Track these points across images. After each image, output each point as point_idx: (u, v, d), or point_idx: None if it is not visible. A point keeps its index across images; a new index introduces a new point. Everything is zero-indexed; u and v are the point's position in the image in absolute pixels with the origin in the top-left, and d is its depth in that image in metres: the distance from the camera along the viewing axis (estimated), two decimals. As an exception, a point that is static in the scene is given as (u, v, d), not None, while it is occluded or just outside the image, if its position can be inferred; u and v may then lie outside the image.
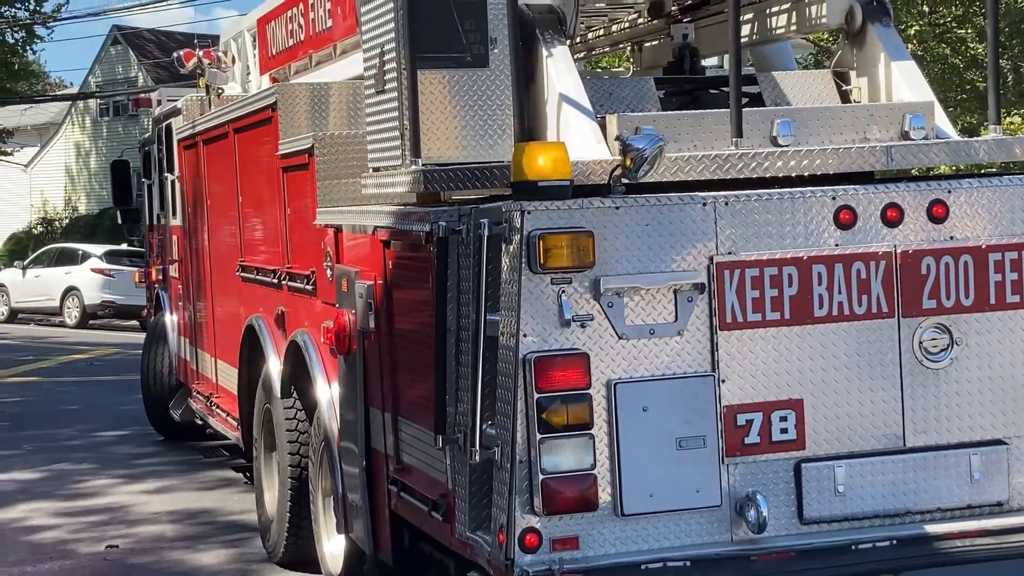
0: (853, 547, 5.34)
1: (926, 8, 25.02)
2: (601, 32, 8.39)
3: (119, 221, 13.53)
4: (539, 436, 4.98)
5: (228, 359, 10.09)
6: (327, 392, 7.43)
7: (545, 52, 6.15)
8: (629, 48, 8.72)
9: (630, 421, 5.12)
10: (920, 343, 5.48)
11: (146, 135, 14.24)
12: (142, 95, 14.64)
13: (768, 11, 7.07)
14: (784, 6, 6.95)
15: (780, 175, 5.65)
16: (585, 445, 5.04)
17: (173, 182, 12.17)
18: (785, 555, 5.30)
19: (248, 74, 9.58)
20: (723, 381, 5.29)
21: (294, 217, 8.21)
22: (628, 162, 5.19)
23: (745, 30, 7.05)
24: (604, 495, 5.11)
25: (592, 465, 5.05)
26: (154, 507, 10.64)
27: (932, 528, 5.46)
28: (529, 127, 5.92)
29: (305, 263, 8.00)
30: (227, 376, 10.15)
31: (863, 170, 5.78)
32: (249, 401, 9.08)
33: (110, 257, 32.82)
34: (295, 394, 8.07)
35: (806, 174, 5.69)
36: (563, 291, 5.09)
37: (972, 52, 25.49)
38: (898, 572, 5.59)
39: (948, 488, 5.50)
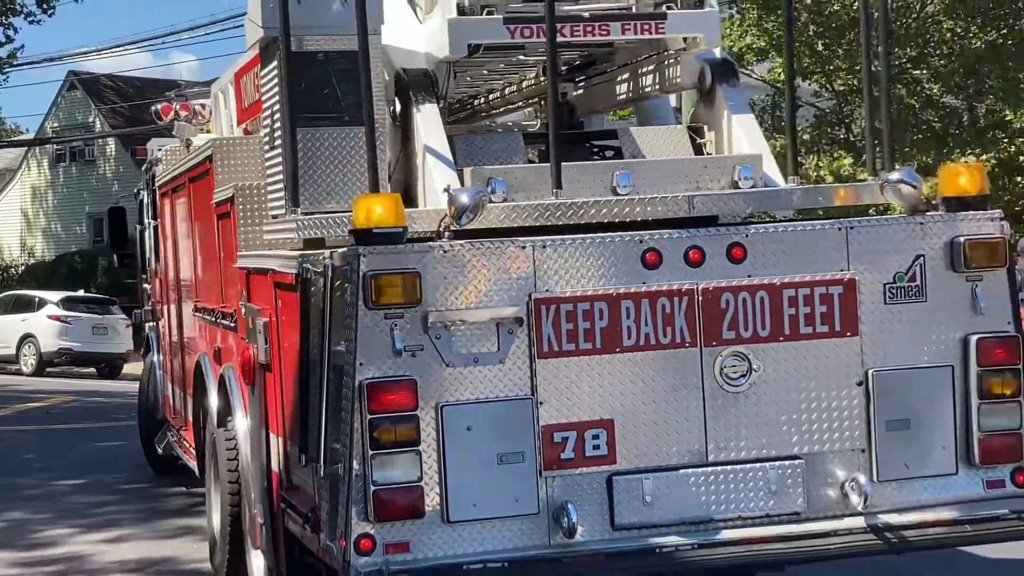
0: (658, 550, 5.97)
1: (880, 49, 25.16)
2: (514, 88, 8.98)
3: (116, 264, 14.01)
4: (371, 452, 5.65)
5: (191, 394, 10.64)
6: (244, 421, 7.84)
7: (415, 110, 7.02)
8: (536, 103, 9.42)
9: (455, 439, 5.77)
10: (721, 369, 6.08)
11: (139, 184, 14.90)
12: (139, 147, 14.93)
13: (638, 72, 7.85)
14: (649, 67, 7.73)
15: (593, 221, 6.26)
16: (412, 460, 5.71)
17: (156, 228, 12.58)
18: (596, 558, 5.91)
19: (231, 125, 9.91)
20: (541, 403, 5.91)
21: (226, 260, 8.63)
22: (452, 211, 5.89)
23: (622, 88, 8.06)
24: (431, 504, 5.77)
25: (419, 478, 5.72)
26: (113, 556, 10.47)
27: (732, 534, 6.04)
28: (405, 177, 6.97)
29: (232, 303, 8.49)
30: (191, 410, 10.59)
31: (667, 217, 6.33)
32: (200, 431, 9.59)
33: (67, 304, 32.59)
34: (227, 423, 8.39)
35: (616, 220, 6.30)
36: (395, 324, 5.73)
37: (927, 92, 25.75)
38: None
39: (748, 498, 6.08)
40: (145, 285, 13.97)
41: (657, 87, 7.72)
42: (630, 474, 5.99)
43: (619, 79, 8.10)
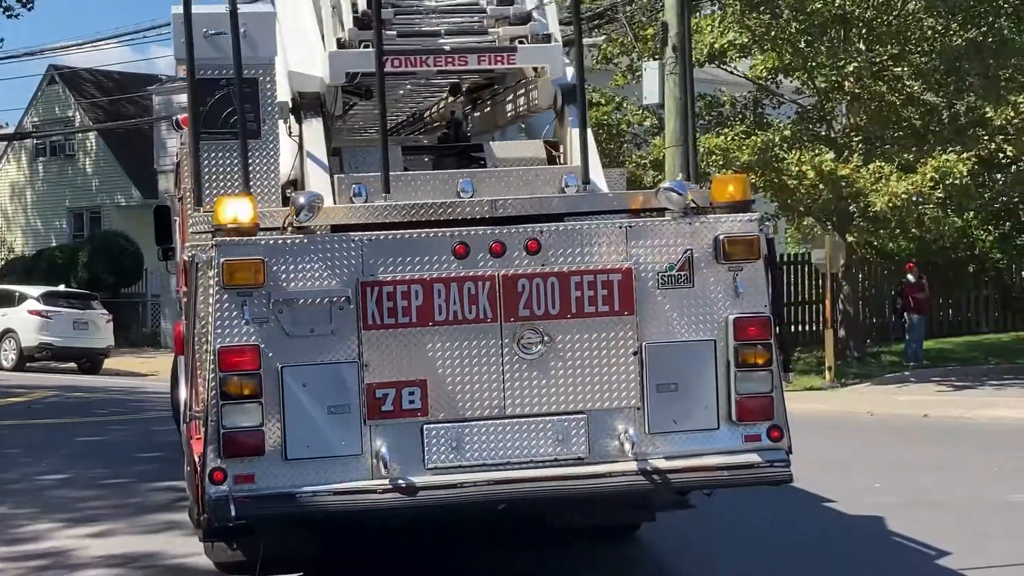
0: (460, 485, 7.28)
1: (862, 46, 25.33)
2: (434, 108, 10.57)
3: (160, 259, 14.95)
4: (221, 403, 7.06)
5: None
6: (182, 388, 8.70)
7: (304, 126, 8.50)
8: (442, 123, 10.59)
9: (292, 394, 7.14)
10: (518, 340, 7.37)
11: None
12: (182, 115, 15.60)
13: (514, 96, 9.33)
14: (520, 92, 9.20)
15: (423, 219, 7.63)
16: (255, 410, 7.08)
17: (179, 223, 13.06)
18: (408, 490, 7.22)
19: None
20: (365, 366, 7.24)
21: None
22: (293, 211, 7.27)
23: (502, 109, 9.63)
24: (272, 445, 7.11)
25: (260, 424, 7.08)
26: (97, 551, 10.44)
27: (525, 473, 7.33)
28: (300, 180, 8.48)
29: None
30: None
31: (473, 217, 7.64)
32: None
33: (47, 299, 32.51)
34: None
35: (434, 219, 7.64)
36: (244, 302, 7.09)
37: (908, 90, 25.83)
38: (501, 506, 7.55)
39: (539, 445, 7.37)
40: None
41: (525, 108, 9.20)
42: (439, 423, 7.31)
43: (501, 101, 9.59)
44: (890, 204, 23.11)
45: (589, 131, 8.44)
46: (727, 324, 7.43)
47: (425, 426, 7.29)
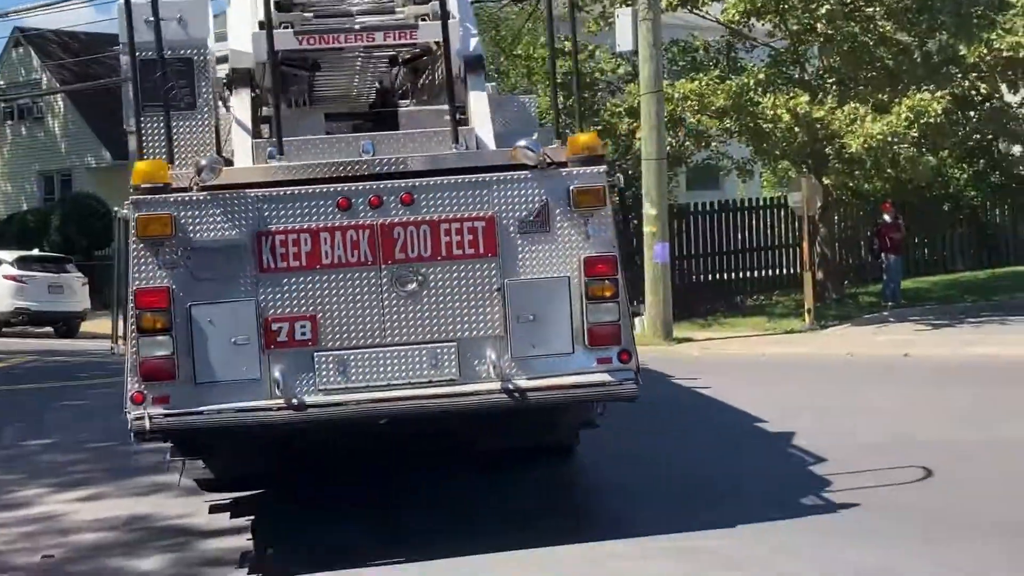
0: (346, 404, 8.41)
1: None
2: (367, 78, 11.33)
3: None
4: (138, 335, 8.29)
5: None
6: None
7: (234, 97, 9.69)
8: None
9: (199, 327, 8.32)
10: (395, 280, 8.48)
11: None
12: None
13: (433, 65, 10.37)
14: (438, 63, 10.08)
15: (316, 176, 8.61)
16: (166, 341, 8.29)
17: None
18: (299, 407, 8.36)
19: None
20: (262, 303, 8.40)
21: None
22: (197, 173, 8.36)
23: (426, 78, 10.76)
24: (183, 371, 8.29)
25: (172, 353, 8.28)
26: (87, 515, 10.44)
27: (404, 392, 8.45)
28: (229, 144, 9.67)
29: None
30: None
31: (356, 174, 8.60)
32: None
33: (22, 264, 32.30)
34: None
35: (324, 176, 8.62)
36: (157, 250, 8.30)
37: (881, 30, 25.77)
38: (386, 420, 8.64)
39: (416, 369, 8.49)
40: None
41: (442, 78, 9.98)
42: (327, 351, 8.45)
43: (427, 71, 10.62)
44: (865, 145, 23.12)
45: (484, 96, 9.63)
46: (579, 263, 8.54)
47: (315, 354, 8.44)
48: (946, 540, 8.19)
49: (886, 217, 27.38)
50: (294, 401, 8.37)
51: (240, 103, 9.57)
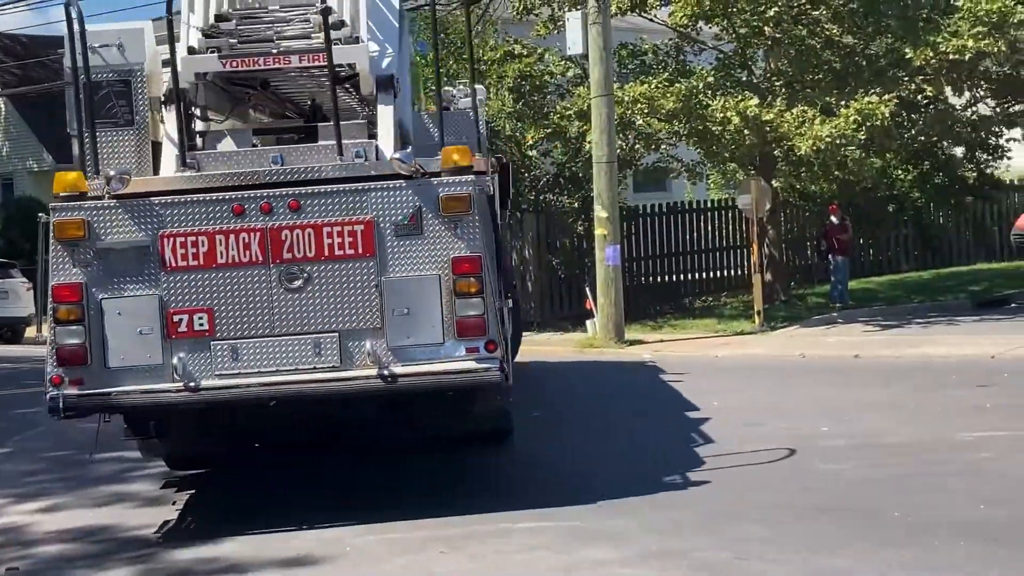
0: (239, 387, 9.60)
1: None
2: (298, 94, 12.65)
3: None
4: (55, 326, 9.50)
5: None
6: None
7: (165, 113, 10.71)
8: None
9: (110, 319, 9.54)
10: (284, 276, 9.62)
11: None
12: None
13: (354, 84, 11.18)
14: (358, 82, 11.08)
15: (215, 185, 9.76)
16: (79, 331, 9.49)
17: None
18: (196, 389, 9.57)
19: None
20: (165, 297, 9.58)
21: None
22: (107, 183, 9.54)
23: (346, 96, 11.71)
24: (95, 357, 9.49)
25: (85, 341, 9.48)
26: (49, 526, 10.35)
27: (290, 377, 9.61)
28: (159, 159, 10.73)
29: None
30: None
31: (252, 183, 9.75)
32: None
33: (-34, 268, 31.88)
34: None
35: (218, 184, 9.80)
36: (72, 251, 9.52)
37: (827, 33, 25.95)
38: (273, 402, 9.71)
39: (302, 357, 9.63)
40: None
41: (358, 95, 11.44)
42: (223, 340, 9.61)
43: (352, 89, 11.49)
44: (814, 147, 23.25)
45: (389, 111, 10.73)
46: (448, 262, 9.61)
47: (212, 342, 9.62)
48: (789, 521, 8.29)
49: (833, 219, 27.57)
50: (191, 384, 9.59)
51: (170, 119, 10.56)
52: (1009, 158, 32.40)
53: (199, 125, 11.22)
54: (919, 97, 27.21)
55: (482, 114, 14.11)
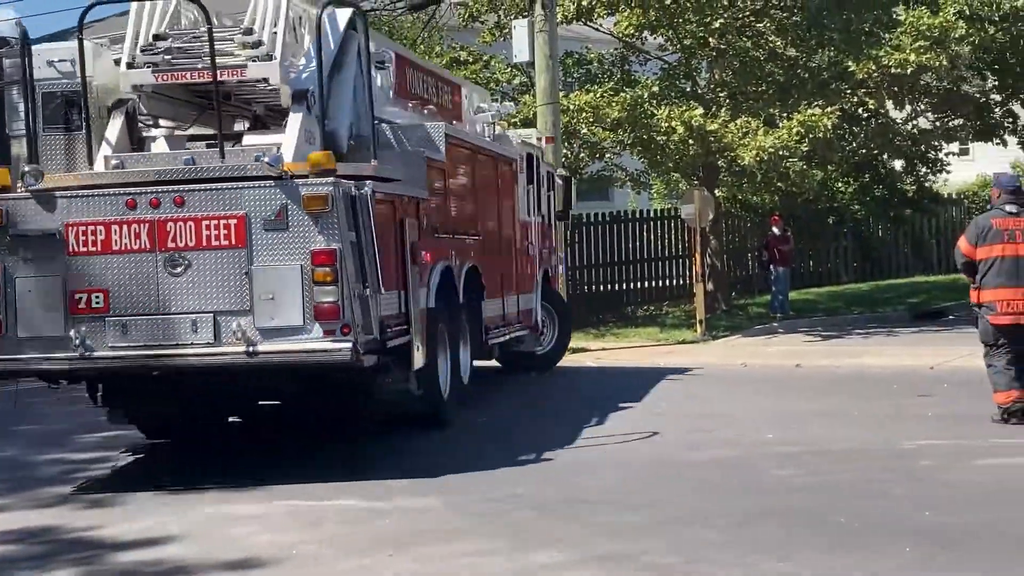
0: (126, 356, 11.19)
1: (726, 2, 25.61)
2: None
3: None
4: None
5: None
6: None
7: (110, 123, 12.32)
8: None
9: (21, 296, 11.23)
10: (167, 262, 11.11)
11: None
12: None
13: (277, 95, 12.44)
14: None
15: (116, 182, 11.46)
16: None
17: None
18: (90, 359, 11.21)
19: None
20: (68, 279, 11.17)
21: None
22: (21, 179, 11.21)
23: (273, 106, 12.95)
24: (9, 328, 11.23)
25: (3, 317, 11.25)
26: (-10, 528, 10.20)
27: (172, 351, 11.15)
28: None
29: None
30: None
31: (169, 179, 11.36)
32: None
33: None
34: None
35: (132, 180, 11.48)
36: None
37: (771, 45, 26.19)
38: (152, 372, 11.45)
39: (182, 333, 11.13)
40: None
41: (283, 105, 12.41)
42: (116, 317, 11.19)
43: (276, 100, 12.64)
44: (757, 158, 23.46)
45: (298, 119, 12.00)
46: (308, 254, 10.90)
47: (107, 318, 11.19)
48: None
49: (775, 230, 27.79)
50: (87, 354, 11.18)
51: (112, 127, 12.28)
52: (948, 172, 32.81)
53: (159, 131, 12.68)
54: (861, 110, 27.54)
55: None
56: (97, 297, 11.18)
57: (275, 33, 12.10)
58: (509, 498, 10.17)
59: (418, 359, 12.30)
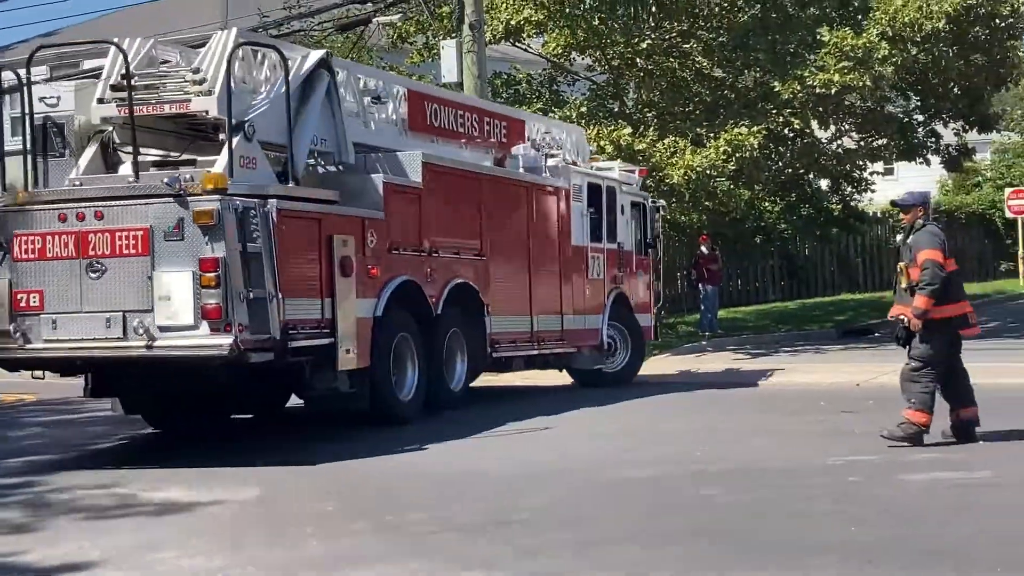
0: (56, 348, 13.05)
1: (653, 23, 25.77)
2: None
3: None
4: None
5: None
6: None
7: (85, 149, 14.10)
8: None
9: None
10: (89, 268, 12.83)
11: None
12: None
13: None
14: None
15: (54, 199, 13.36)
16: None
17: None
18: (29, 350, 13.08)
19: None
20: (12, 283, 13.07)
21: None
22: None
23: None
24: None
25: None
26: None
27: (91, 344, 12.89)
28: None
29: None
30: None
31: (77, 197, 13.23)
32: None
33: None
34: None
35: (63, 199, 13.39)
36: None
37: (698, 65, 26.36)
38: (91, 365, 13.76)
39: (99, 330, 12.82)
40: None
41: (220, 136, 13.58)
42: (49, 314, 13.01)
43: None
44: (685, 177, 23.60)
45: (232, 144, 13.06)
46: (197, 261, 12.45)
47: (41, 315, 13.04)
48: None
49: (703, 249, 27.96)
50: (27, 345, 13.09)
51: (84, 153, 14.05)
52: (872, 191, 33.17)
53: (128, 157, 13.91)
54: (787, 130, 27.78)
55: None
56: (34, 297, 13.04)
57: (217, 73, 13.43)
58: (435, 518, 10.10)
59: (347, 361, 13.71)
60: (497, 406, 17.57)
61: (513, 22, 25.03)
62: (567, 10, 24.96)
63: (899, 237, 13.21)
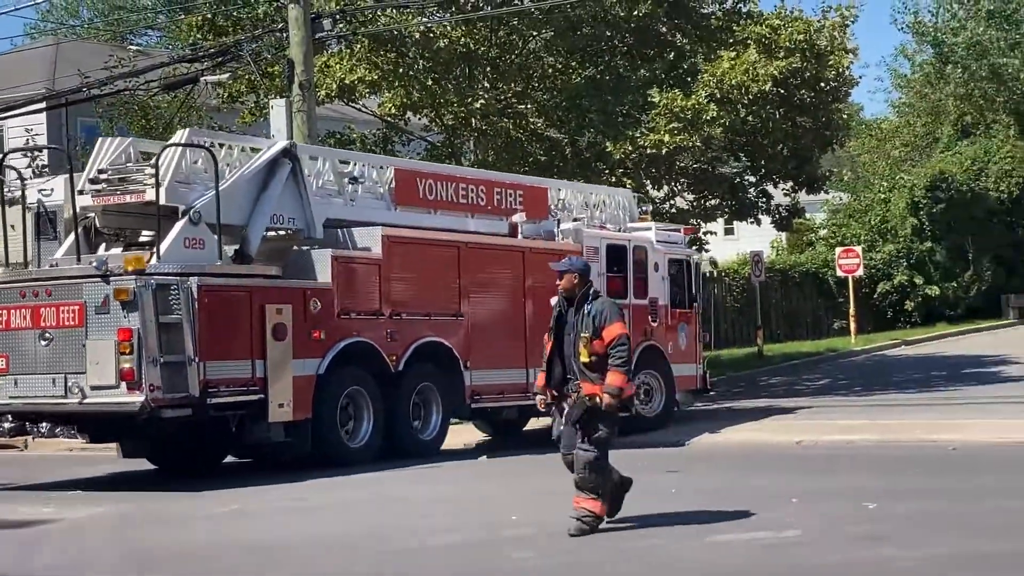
0: (17, 405, 16.06)
1: (488, 84, 25.87)
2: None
3: None
4: None
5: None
6: None
7: (70, 234, 16.43)
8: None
9: None
10: (40, 337, 15.35)
11: None
12: None
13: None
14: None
15: (19, 279, 16.15)
16: None
17: None
18: None
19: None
20: None
21: None
22: None
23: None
24: None
25: None
26: None
27: (41, 401, 15.64)
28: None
29: None
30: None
31: (32, 278, 15.88)
32: None
33: None
34: None
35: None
36: None
37: (532, 126, 26.52)
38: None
39: (48, 389, 15.33)
40: None
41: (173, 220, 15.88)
42: (11, 375, 15.47)
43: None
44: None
45: (176, 231, 15.59)
46: (116, 331, 14.83)
47: (6, 376, 15.55)
48: None
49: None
50: None
51: (68, 236, 16.33)
52: (707, 250, 33.56)
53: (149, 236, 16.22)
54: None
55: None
56: (3, 361, 15.65)
57: (168, 168, 15.80)
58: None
59: (281, 414, 15.74)
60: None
61: (347, 81, 24.90)
62: (401, 71, 24.93)
63: (554, 300, 11.46)
